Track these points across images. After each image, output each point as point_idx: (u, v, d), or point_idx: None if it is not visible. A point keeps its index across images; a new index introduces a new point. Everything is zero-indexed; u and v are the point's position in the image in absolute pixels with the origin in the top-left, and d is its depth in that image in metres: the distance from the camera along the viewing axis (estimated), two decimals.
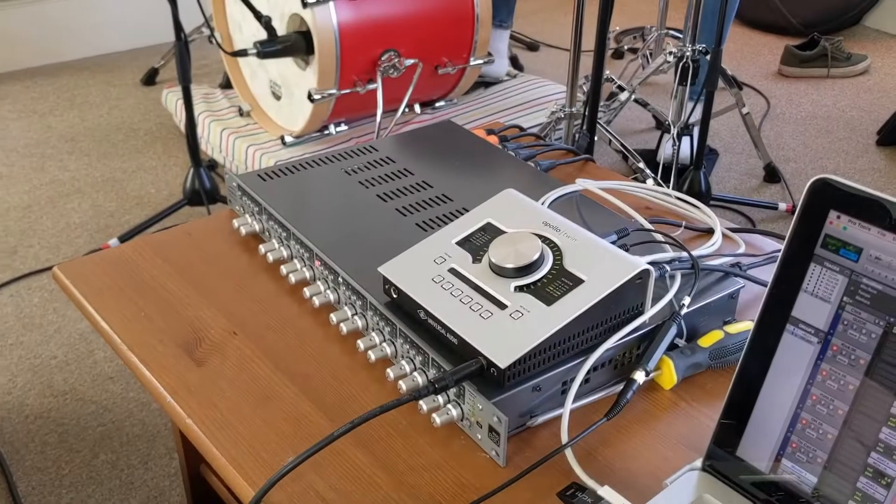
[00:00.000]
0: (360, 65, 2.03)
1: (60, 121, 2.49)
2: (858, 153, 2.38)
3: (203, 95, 2.39)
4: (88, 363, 1.60)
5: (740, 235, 0.98)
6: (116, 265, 0.95)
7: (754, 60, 3.00)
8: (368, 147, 1.11)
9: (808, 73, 2.84)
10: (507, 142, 1.18)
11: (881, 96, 2.72)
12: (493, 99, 2.43)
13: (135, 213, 2.04)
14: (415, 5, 2.10)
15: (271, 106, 2.26)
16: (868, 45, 3.10)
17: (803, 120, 2.57)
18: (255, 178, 1.01)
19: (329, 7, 1.94)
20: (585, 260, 0.75)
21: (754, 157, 2.28)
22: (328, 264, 0.85)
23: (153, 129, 2.45)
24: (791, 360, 0.62)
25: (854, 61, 2.85)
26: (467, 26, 2.20)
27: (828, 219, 0.60)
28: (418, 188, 1.00)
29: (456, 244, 0.80)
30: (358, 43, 2.01)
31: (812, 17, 3.13)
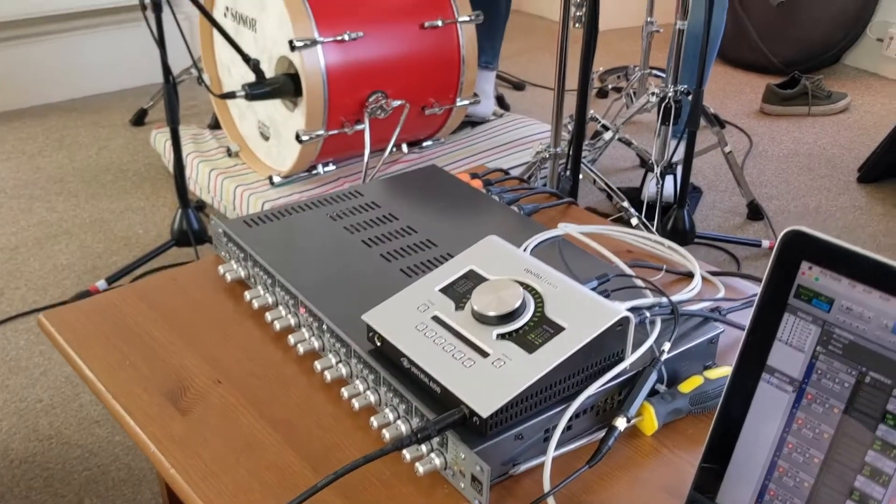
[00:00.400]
0: (347, 106, 2.06)
1: (49, 161, 2.50)
2: (840, 190, 2.41)
3: (192, 136, 2.41)
4: (74, 406, 1.59)
5: (720, 279, 0.99)
6: (102, 312, 0.95)
7: (736, 99, 3.05)
8: (354, 191, 1.12)
9: (790, 111, 2.88)
10: (491, 185, 1.19)
11: (861, 133, 2.77)
12: (480, 138, 2.46)
13: (122, 254, 2.04)
14: (402, 48, 2.13)
15: (259, 146, 2.28)
16: (848, 84, 3.16)
17: (785, 157, 2.61)
18: (241, 224, 1.02)
19: (317, 50, 1.97)
20: (566, 307, 0.76)
21: (737, 194, 2.31)
22: (313, 311, 0.86)
23: (142, 169, 2.46)
24: (767, 408, 0.63)
25: (834, 99, 2.90)
26: (453, 68, 2.23)
27: (800, 269, 0.61)
28: (403, 233, 1.01)
29: (439, 291, 0.81)
30: (345, 85, 2.03)
31: (792, 56, 3.19)
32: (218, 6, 2.23)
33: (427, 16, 2.15)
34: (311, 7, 1.98)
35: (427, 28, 2.14)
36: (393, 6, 2.13)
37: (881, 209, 2.32)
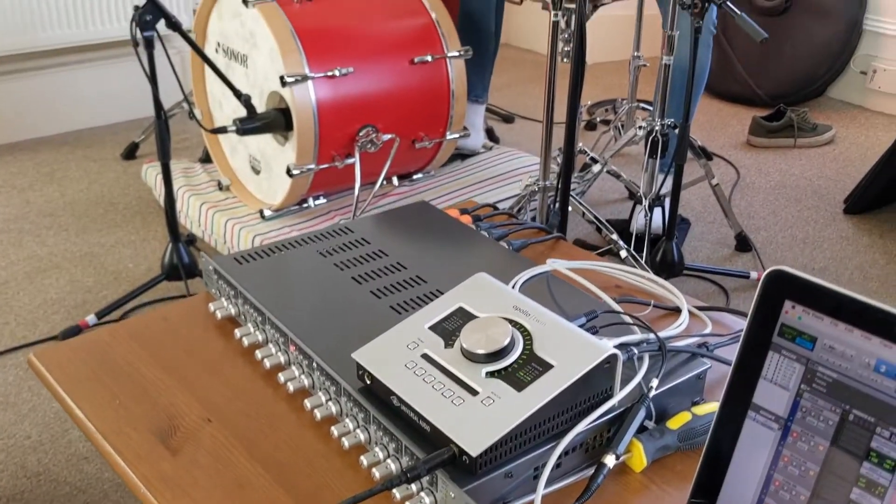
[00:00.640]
0: (338, 140, 2.07)
1: (39, 195, 2.50)
2: (827, 221, 2.44)
3: (183, 170, 2.42)
4: (63, 443, 1.58)
5: (707, 313, 1.00)
6: (92, 351, 0.95)
7: (723, 131, 3.08)
8: (344, 228, 1.13)
9: (776, 143, 2.92)
10: (480, 221, 1.20)
11: (847, 165, 2.80)
12: (470, 171, 2.48)
13: (112, 288, 2.04)
14: (392, 83, 2.15)
15: (250, 180, 2.29)
16: (833, 116, 3.20)
17: (772, 189, 2.63)
18: (232, 261, 1.03)
19: (307, 85, 1.99)
20: (555, 344, 0.77)
21: (725, 226, 2.32)
22: (302, 349, 0.87)
23: (132, 203, 2.47)
24: (754, 446, 0.64)
25: (820, 131, 2.94)
26: (443, 102, 2.25)
27: (783, 308, 0.62)
28: (392, 270, 1.02)
29: (429, 329, 0.82)
30: (336, 119, 2.05)
31: (778, 89, 3.23)
32: (209, 42, 2.26)
33: (417, 51, 2.18)
34: (302, 43, 2.00)
35: (417, 63, 2.17)
36: (383, 42, 2.16)
37: (867, 240, 2.34)
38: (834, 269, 2.19)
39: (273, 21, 1.98)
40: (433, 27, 2.22)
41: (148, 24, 1.75)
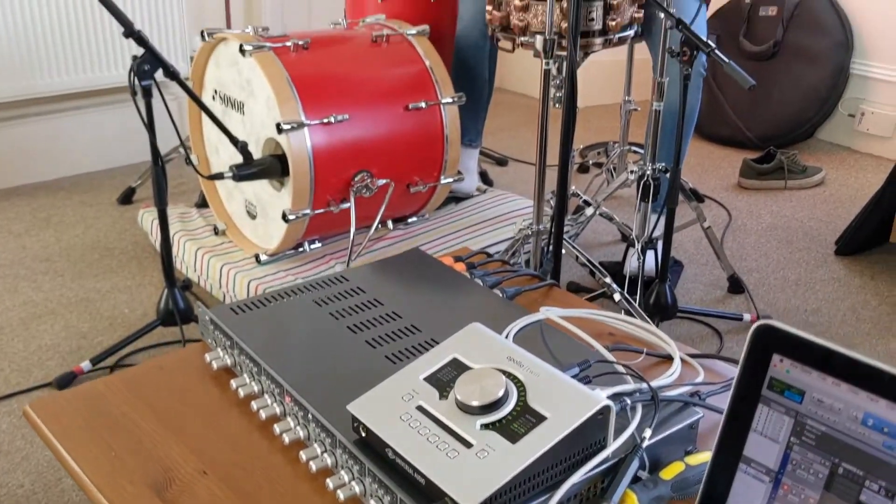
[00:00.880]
0: (333, 186, 2.09)
1: (35, 241, 2.51)
2: (818, 263, 2.46)
3: (179, 215, 2.43)
4: (56, 492, 1.57)
5: (699, 361, 1.01)
6: (87, 402, 0.95)
7: (714, 173, 3.12)
8: (339, 277, 1.14)
9: (767, 185, 2.95)
10: (474, 269, 1.22)
11: (837, 206, 2.83)
12: (464, 214, 2.50)
13: (108, 333, 2.04)
14: (387, 128, 2.18)
15: (246, 225, 2.30)
16: (822, 158, 3.24)
17: (764, 231, 2.66)
18: (228, 311, 1.04)
19: (304, 132, 2.01)
20: (548, 396, 0.78)
21: (718, 267, 2.34)
22: (298, 400, 0.87)
23: (128, 248, 2.48)
24: (746, 497, 0.64)
25: (809, 173, 2.97)
26: (437, 147, 2.28)
27: (772, 362, 0.63)
28: (388, 319, 1.03)
29: (423, 380, 0.83)
30: (331, 165, 2.07)
31: (768, 132, 3.28)
32: (207, 89, 2.29)
33: (411, 98, 2.21)
34: (298, 90, 2.03)
35: (411, 109, 2.20)
36: (378, 89, 2.19)
37: (859, 281, 2.36)
38: (826, 311, 2.20)
39: (270, 69, 2.01)
40: (427, 74, 2.26)
41: (146, 74, 1.77)
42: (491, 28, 2.21)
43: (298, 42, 2.11)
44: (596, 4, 2.08)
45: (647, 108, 2.21)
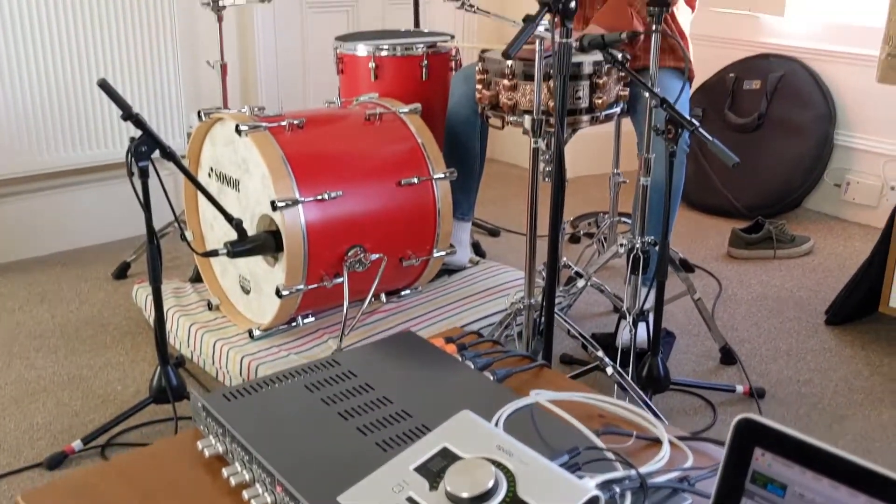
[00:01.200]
0: (327, 261, 2.12)
1: (30, 317, 2.52)
2: (809, 333, 2.47)
3: (173, 290, 2.45)
4: None
5: (688, 444, 1.02)
6: (80, 492, 0.95)
7: (704, 243, 3.15)
8: (331, 361, 1.15)
9: (756, 254, 2.98)
10: (465, 350, 1.23)
11: (826, 276, 2.86)
12: (457, 286, 2.52)
13: (100, 411, 2.04)
14: (380, 204, 2.21)
15: (240, 300, 2.32)
16: (810, 227, 3.28)
17: (754, 301, 2.68)
18: (220, 398, 1.05)
19: (298, 209, 2.04)
20: (538, 486, 0.79)
21: (710, 338, 2.35)
22: (289, 490, 0.88)
23: (122, 323, 2.48)
24: None
25: (798, 243, 3.01)
26: (430, 222, 2.31)
27: (754, 455, 0.65)
28: (379, 404, 1.04)
29: (413, 470, 0.83)
30: (325, 241, 2.10)
31: (755, 202, 3.33)
32: (203, 167, 2.33)
33: (404, 174, 2.25)
34: (293, 168, 2.07)
35: (404, 185, 2.24)
36: (371, 166, 2.23)
37: (850, 351, 2.37)
38: (819, 382, 2.21)
39: (265, 148, 2.05)
40: (419, 151, 2.31)
41: (143, 155, 1.80)
42: (481, 106, 2.27)
43: (294, 121, 2.16)
44: (582, 84, 2.15)
45: (635, 179, 2.26)
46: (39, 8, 2.73)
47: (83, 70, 2.84)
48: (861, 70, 3.18)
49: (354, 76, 2.64)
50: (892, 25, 2.65)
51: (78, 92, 2.85)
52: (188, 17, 3.04)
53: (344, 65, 2.66)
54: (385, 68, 2.59)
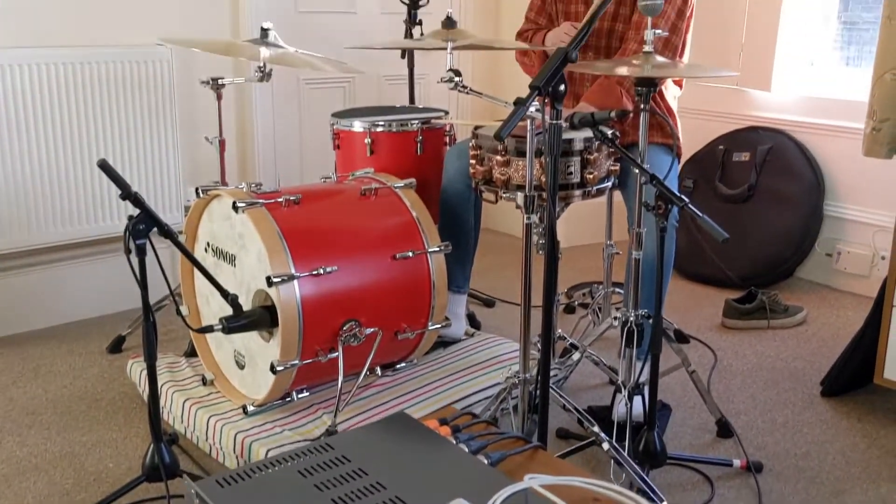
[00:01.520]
0: (321, 336, 2.12)
1: (23, 393, 2.51)
2: (805, 405, 2.47)
3: (167, 365, 2.45)
4: None
5: None
6: None
7: (698, 313, 3.17)
8: (325, 445, 1.15)
9: (750, 325, 3.00)
10: (459, 432, 1.23)
11: (821, 346, 2.87)
12: (452, 359, 2.52)
13: (92, 490, 2.01)
14: (375, 278, 2.23)
15: (234, 374, 2.31)
16: (803, 297, 3.30)
17: (749, 372, 2.68)
18: (213, 485, 1.04)
19: (293, 285, 2.06)
20: None
21: (706, 410, 2.35)
22: None
23: (116, 398, 2.47)
24: None
25: (791, 313, 3.03)
26: (424, 295, 2.33)
27: None
28: (372, 490, 1.04)
29: None
30: (320, 316, 2.11)
31: (748, 271, 3.35)
32: (200, 241, 2.35)
33: (398, 248, 2.28)
34: (289, 244, 2.09)
35: (399, 259, 2.26)
36: (366, 240, 2.26)
37: (846, 423, 2.37)
38: (816, 455, 2.20)
39: (261, 224, 2.08)
40: (414, 225, 2.34)
41: (141, 233, 1.83)
42: (475, 181, 2.30)
43: (290, 197, 2.19)
44: (574, 159, 2.19)
45: (627, 251, 2.28)
46: (42, 83, 2.78)
47: (83, 144, 2.88)
48: (847, 142, 3.24)
49: (350, 151, 2.69)
50: (876, 101, 2.72)
51: (77, 167, 2.88)
52: (188, 94, 3.11)
53: (340, 140, 2.71)
54: (380, 143, 2.64)
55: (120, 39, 2.96)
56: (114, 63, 2.88)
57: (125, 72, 2.91)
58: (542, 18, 2.70)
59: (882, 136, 2.71)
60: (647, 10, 1.93)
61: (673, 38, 2.42)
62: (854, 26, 3.50)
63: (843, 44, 3.53)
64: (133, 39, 2.97)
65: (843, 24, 3.50)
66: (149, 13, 3.02)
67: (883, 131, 2.70)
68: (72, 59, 2.80)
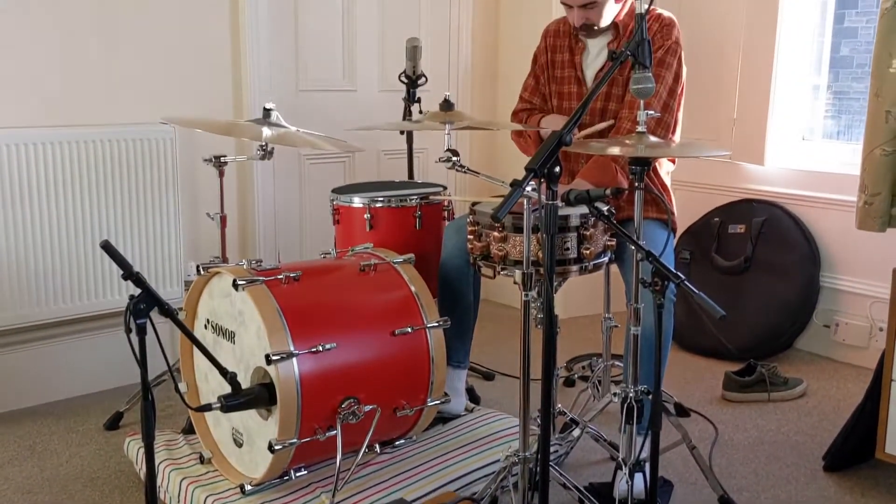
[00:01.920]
0: (320, 414, 2.11)
1: (18, 472, 2.48)
2: (808, 480, 2.44)
3: (165, 442, 2.43)
4: None
5: None
6: None
7: (698, 385, 3.16)
8: None
9: (750, 398, 2.98)
10: None
11: (822, 419, 2.85)
12: (452, 435, 2.50)
13: None
14: (373, 354, 2.23)
15: (232, 452, 2.30)
16: (803, 368, 3.30)
17: (751, 446, 2.66)
18: None
19: (292, 362, 2.06)
20: None
21: (708, 486, 2.32)
22: None
23: (112, 476, 2.45)
24: None
25: (791, 385, 3.02)
26: (423, 370, 2.32)
27: None
28: None
29: None
30: (319, 394, 2.10)
31: (747, 343, 3.35)
32: (200, 318, 2.36)
33: (398, 323, 2.28)
34: (288, 321, 2.10)
35: (398, 335, 2.27)
36: (365, 316, 2.27)
37: (850, 499, 2.34)
38: None
39: (261, 302, 2.09)
40: (413, 300, 2.35)
41: (141, 313, 1.84)
42: (473, 257, 2.33)
43: (290, 274, 2.21)
44: (570, 235, 2.22)
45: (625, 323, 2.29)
46: (46, 161, 2.82)
47: (86, 220, 2.90)
48: (841, 215, 3.28)
49: (350, 226, 2.72)
50: (867, 175, 2.77)
51: (80, 243, 2.90)
52: (190, 170, 3.16)
53: (340, 216, 2.75)
54: (380, 218, 2.68)
55: (124, 118, 3.02)
56: (118, 141, 2.93)
57: (129, 149, 2.96)
58: (537, 98, 2.76)
59: (874, 209, 2.75)
60: (640, 94, 1.98)
61: (665, 116, 2.48)
62: (845, 96, 3.58)
63: (835, 113, 3.61)
64: (137, 118, 3.04)
65: (834, 94, 3.58)
66: (153, 92, 3.09)
67: (875, 205, 2.74)
68: (76, 137, 2.86)
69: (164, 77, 3.11)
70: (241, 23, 3.24)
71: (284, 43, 3.43)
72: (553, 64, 2.70)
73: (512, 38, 4.04)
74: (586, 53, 2.63)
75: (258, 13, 3.27)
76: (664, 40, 2.47)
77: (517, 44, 3.93)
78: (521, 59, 3.08)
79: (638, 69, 1.97)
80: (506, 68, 4.09)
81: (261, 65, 3.32)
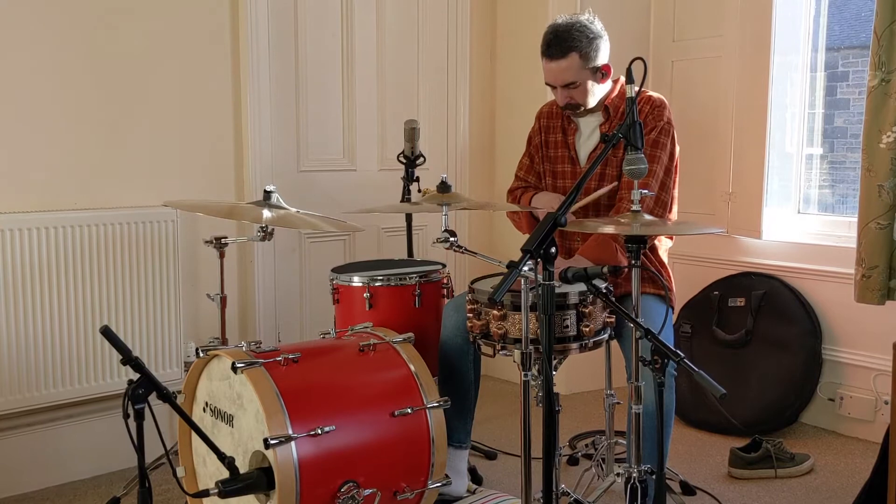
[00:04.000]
0: (319, 499, 2.08)
1: None
2: None
3: None
4: None
5: None
6: None
7: (703, 462, 3.11)
8: None
9: (757, 474, 2.94)
10: None
11: (830, 496, 2.80)
12: None
13: None
14: (373, 436, 2.21)
15: None
16: (808, 443, 3.25)
17: None
18: None
19: (291, 446, 2.04)
20: None
21: None
22: None
23: None
24: None
25: (798, 461, 2.97)
26: (424, 452, 2.30)
27: None
28: None
29: None
30: (317, 477, 2.08)
31: (752, 418, 3.31)
32: (198, 401, 2.35)
33: (397, 404, 2.27)
34: (286, 404, 2.09)
35: (397, 416, 2.25)
36: (364, 397, 2.26)
37: None
38: None
39: (259, 385, 2.08)
40: (413, 380, 2.34)
41: (140, 398, 1.83)
42: (472, 335, 2.33)
43: (289, 356, 2.20)
44: (569, 313, 2.22)
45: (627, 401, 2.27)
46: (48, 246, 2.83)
47: (86, 302, 2.90)
48: (840, 287, 3.28)
49: (350, 306, 2.73)
50: (863, 249, 2.79)
51: (80, 326, 2.89)
52: (191, 252, 3.17)
53: (340, 295, 2.76)
54: (379, 297, 2.68)
55: (126, 201, 3.05)
56: (120, 224, 2.96)
57: (131, 233, 2.99)
58: (532, 177, 2.81)
59: (873, 282, 2.76)
60: (633, 175, 2.01)
61: (662, 195, 2.51)
62: (841, 165, 3.62)
63: (832, 182, 3.64)
64: (139, 201, 3.07)
65: (830, 164, 3.62)
66: (155, 175, 3.13)
67: (873, 278, 2.76)
68: (78, 221, 2.87)
69: (167, 160, 3.16)
70: (244, 107, 3.31)
71: (286, 125, 3.50)
72: (547, 144, 2.75)
73: (508, 119, 4.12)
74: (579, 134, 2.68)
75: (260, 97, 3.34)
76: (656, 121, 2.52)
77: (513, 123, 4.01)
78: (517, 138, 3.13)
79: (630, 150, 2.00)
80: (502, 146, 4.16)
81: (262, 146, 3.37)
